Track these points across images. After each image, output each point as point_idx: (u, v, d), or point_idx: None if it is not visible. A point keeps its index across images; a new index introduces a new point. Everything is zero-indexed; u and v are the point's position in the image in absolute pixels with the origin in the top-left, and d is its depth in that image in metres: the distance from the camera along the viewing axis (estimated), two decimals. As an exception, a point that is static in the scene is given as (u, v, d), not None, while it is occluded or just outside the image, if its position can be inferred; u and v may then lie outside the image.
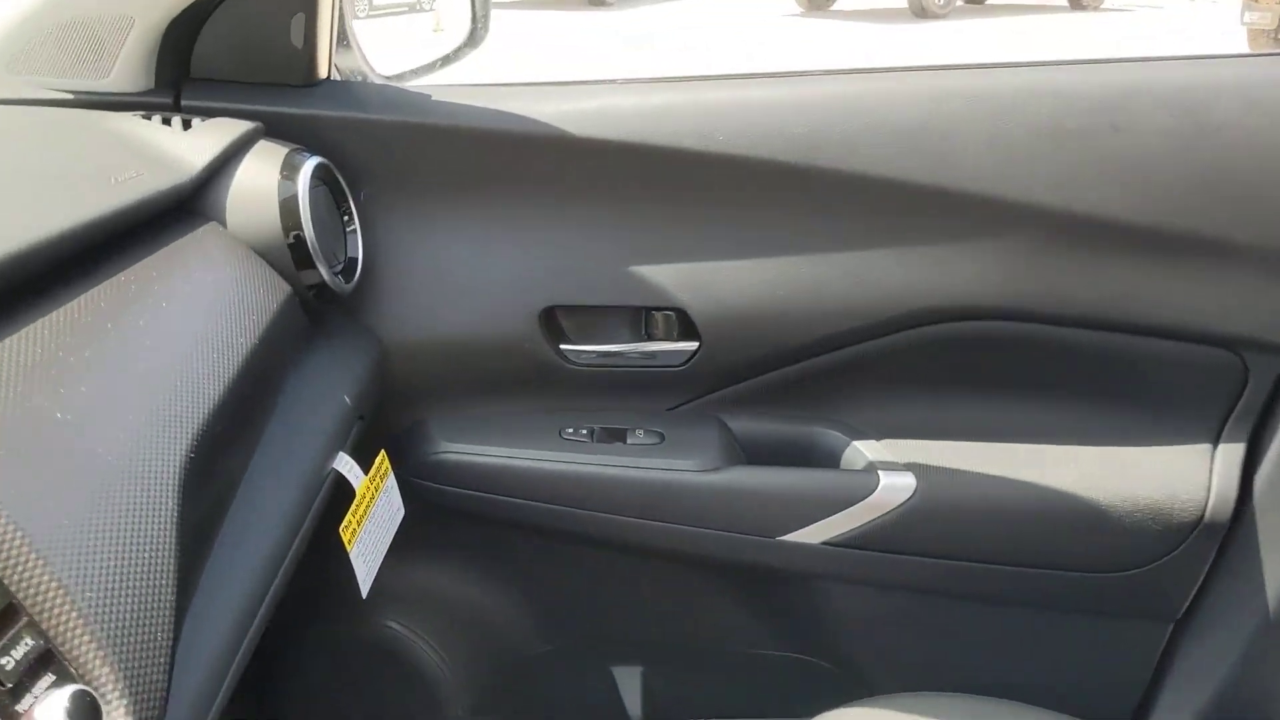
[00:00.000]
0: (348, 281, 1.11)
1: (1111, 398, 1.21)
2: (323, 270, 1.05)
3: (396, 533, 1.17)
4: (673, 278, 1.18)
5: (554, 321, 1.23)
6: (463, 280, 1.20)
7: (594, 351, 1.23)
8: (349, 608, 1.39)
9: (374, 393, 1.17)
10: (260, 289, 0.98)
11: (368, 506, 1.04)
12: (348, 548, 0.99)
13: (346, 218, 1.14)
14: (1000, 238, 1.14)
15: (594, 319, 1.24)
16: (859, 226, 1.16)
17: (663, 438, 1.23)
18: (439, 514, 1.27)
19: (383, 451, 1.11)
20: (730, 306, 1.18)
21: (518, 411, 1.27)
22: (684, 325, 1.20)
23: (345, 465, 1.02)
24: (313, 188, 1.06)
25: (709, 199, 1.17)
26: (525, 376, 1.23)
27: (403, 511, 1.14)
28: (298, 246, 1.03)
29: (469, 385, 1.25)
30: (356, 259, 1.14)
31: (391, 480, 1.11)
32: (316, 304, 1.08)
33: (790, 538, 1.20)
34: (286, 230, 1.03)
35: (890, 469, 1.19)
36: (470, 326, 1.20)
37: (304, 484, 0.95)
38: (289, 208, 1.02)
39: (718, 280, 1.17)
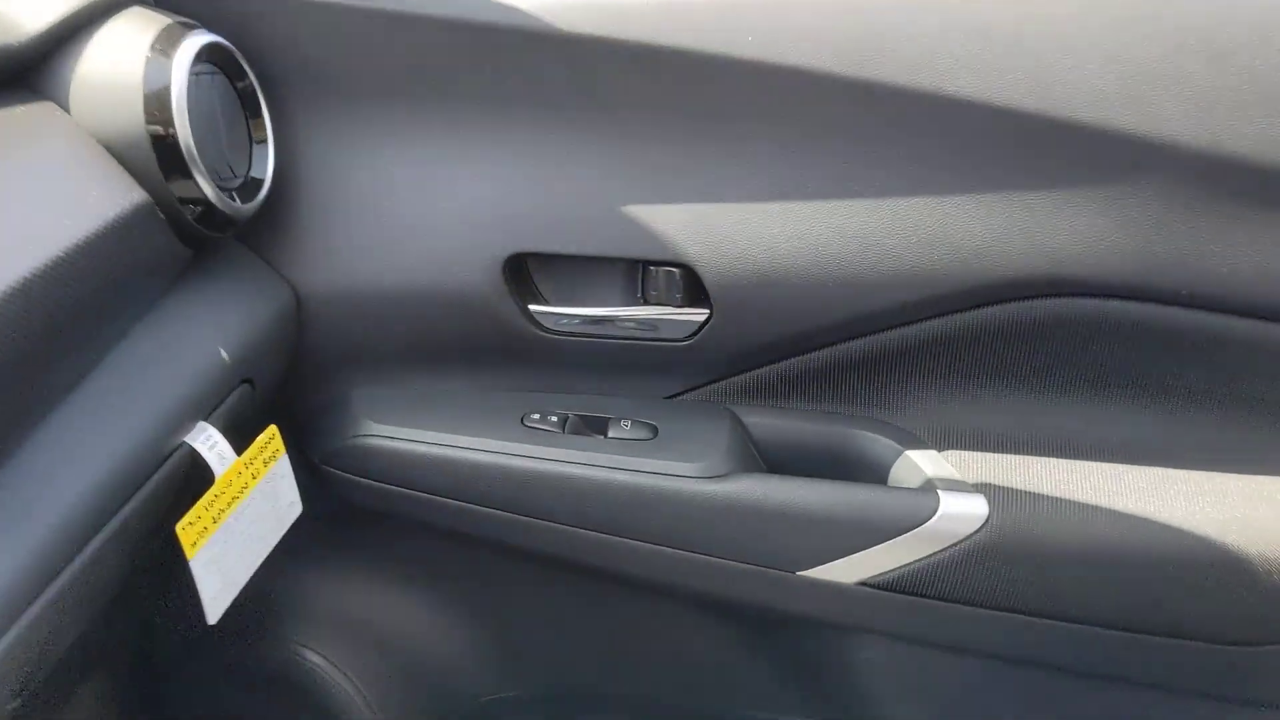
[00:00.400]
0: (245, 202, 0.84)
1: (1263, 409, 0.91)
2: (202, 183, 0.78)
3: (309, 536, 0.90)
4: (680, 224, 0.89)
5: (522, 274, 0.95)
6: (406, 214, 0.92)
7: (572, 316, 0.95)
8: (253, 625, 1.12)
9: (277, 353, 0.90)
10: (93, 192, 0.71)
11: (234, 498, 0.77)
12: (186, 552, 0.72)
13: (255, 122, 0.88)
14: (1122, 186, 0.84)
15: (574, 273, 0.96)
16: (930, 164, 0.87)
17: (655, 432, 0.94)
18: (363, 515, 0.99)
19: (272, 427, 0.83)
20: (753, 265, 0.89)
21: (469, 389, 0.99)
22: (691, 287, 0.92)
23: (204, 440, 0.75)
24: (199, 73, 0.79)
25: (733, 120, 0.88)
26: (481, 344, 0.95)
27: (298, 508, 0.87)
28: (167, 148, 0.77)
29: (407, 352, 0.97)
30: (261, 180, 0.87)
31: (283, 466, 0.84)
32: (201, 230, 0.81)
33: (816, 573, 0.91)
34: (155, 124, 0.76)
35: (955, 489, 0.90)
36: (412, 275, 0.92)
37: (128, 460, 0.68)
38: (157, 93, 0.76)
39: (739, 230, 0.89)
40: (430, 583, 1.09)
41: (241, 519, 0.78)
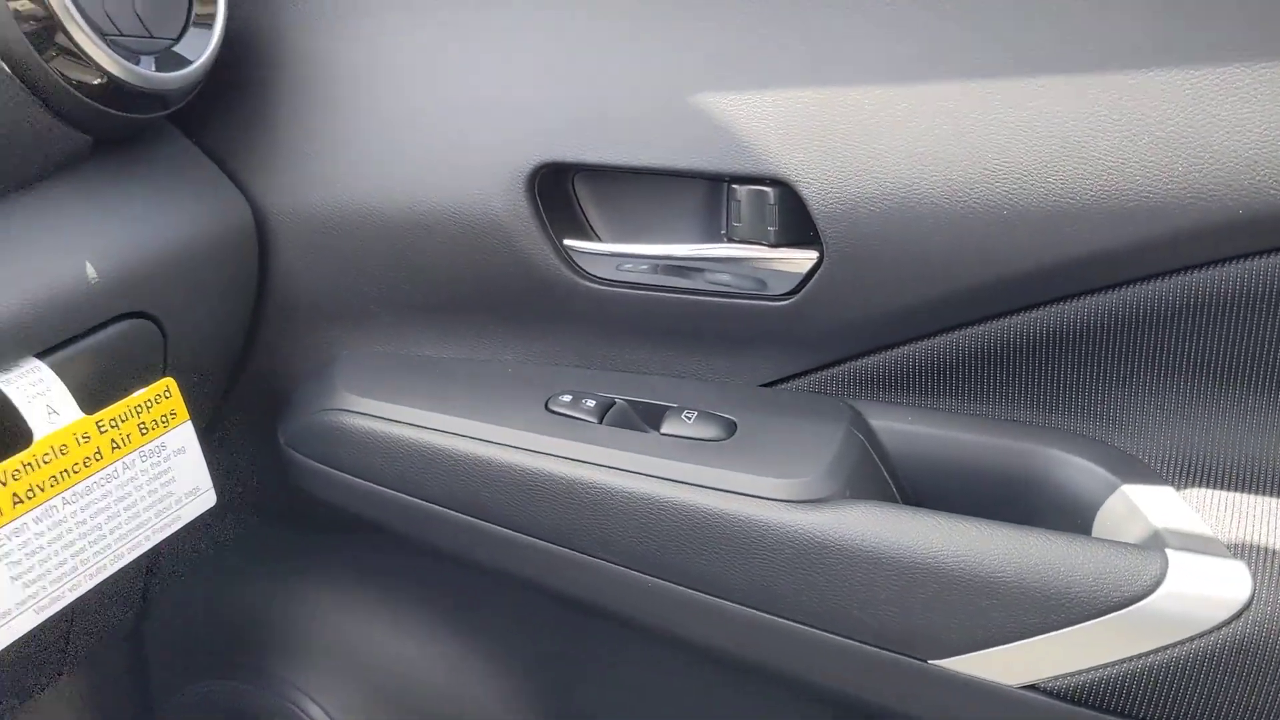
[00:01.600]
0: (165, 71, 0.61)
1: None
2: (80, 37, 0.55)
3: (297, 548, 0.66)
4: (775, 120, 0.60)
5: (557, 194, 0.67)
6: (402, 107, 0.67)
7: (628, 258, 0.66)
8: (243, 657, 0.90)
9: (214, 288, 0.66)
10: None
11: (67, 472, 0.53)
12: None
13: None
14: None
15: (630, 195, 0.67)
16: (1170, 20, 0.54)
17: (732, 429, 0.64)
18: (361, 521, 0.74)
19: (166, 381, 0.59)
20: (882, 183, 0.58)
21: (481, 356, 0.72)
22: (793, 216, 0.62)
23: (27, 384, 0.52)
24: None
25: None
26: (498, 294, 0.69)
27: (207, 500, 0.62)
28: None
29: (401, 301, 0.71)
30: (193, 61, 0.63)
31: (180, 438, 0.60)
32: (94, 106, 0.59)
33: (961, 664, 0.58)
34: None
35: (1198, 549, 0.55)
36: (405, 191, 0.67)
37: None
38: None
39: (860, 129, 0.58)
40: (449, 618, 0.83)
41: (83, 504, 0.54)
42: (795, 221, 0.62)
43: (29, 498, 0.51)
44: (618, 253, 0.67)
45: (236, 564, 0.89)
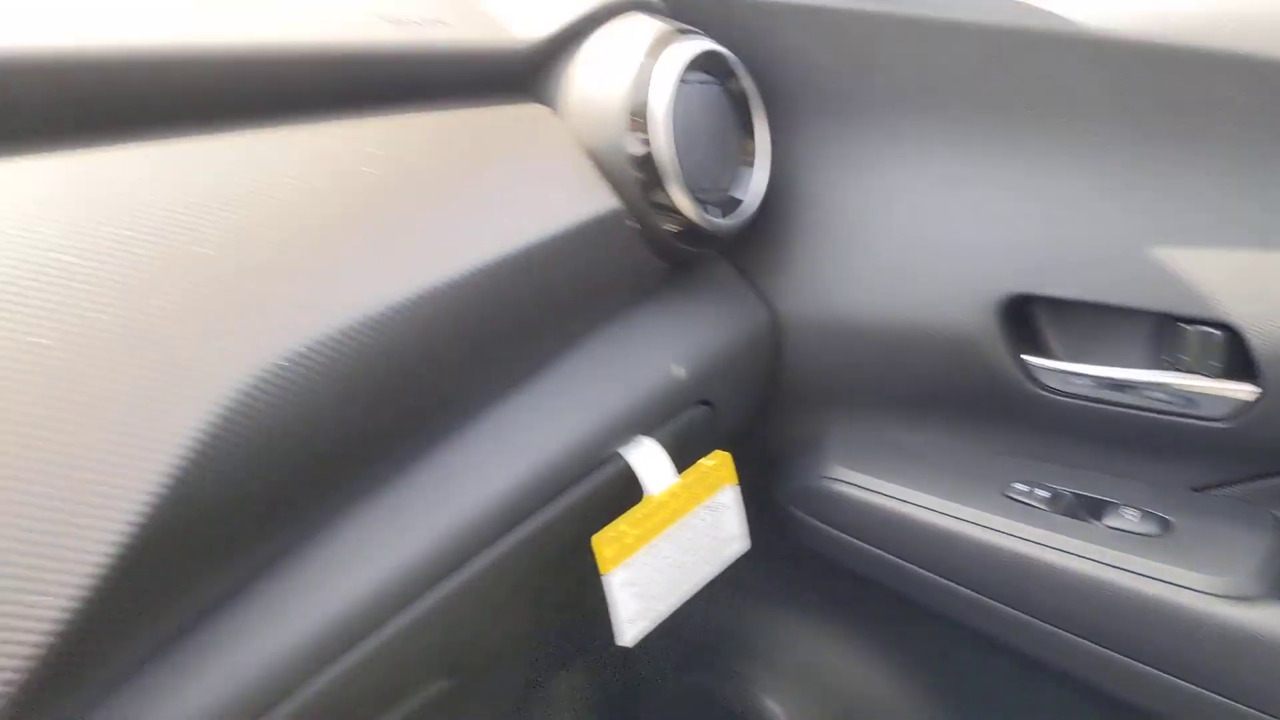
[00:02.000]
0: (726, 218, 0.81)
1: None
2: (679, 197, 0.76)
3: (775, 578, 0.85)
4: (1224, 273, 0.71)
5: (1023, 319, 0.82)
6: (898, 240, 0.83)
7: (1081, 376, 0.80)
8: (721, 660, 1.09)
9: (746, 378, 0.86)
10: (565, 195, 0.71)
11: (665, 520, 0.73)
12: (601, 566, 0.69)
13: (749, 140, 0.84)
14: None
15: (1084, 324, 0.81)
16: None
17: (1167, 526, 0.77)
18: (832, 566, 0.92)
19: (722, 453, 0.79)
20: None
21: (949, 444, 0.87)
22: (1234, 355, 0.73)
23: (641, 454, 0.73)
24: (693, 82, 0.77)
25: None
26: (967, 396, 0.84)
27: (742, 544, 0.81)
28: (646, 159, 0.75)
29: (885, 394, 0.88)
30: (747, 202, 0.82)
31: (729, 496, 0.79)
32: (678, 245, 0.79)
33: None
34: (636, 134, 0.75)
35: None
36: (895, 308, 0.83)
37: (556, 463, 0.67)
38: (641, 103, 0.75)
39: None
40: (897, 652, 0.98)
41: (672, 544, 0.74)
42: (1234, 358, 0.73)
43: (645, 538, 0.72)
44: (1070, 370, 0.80)
45: (723, 581, 1.09)
